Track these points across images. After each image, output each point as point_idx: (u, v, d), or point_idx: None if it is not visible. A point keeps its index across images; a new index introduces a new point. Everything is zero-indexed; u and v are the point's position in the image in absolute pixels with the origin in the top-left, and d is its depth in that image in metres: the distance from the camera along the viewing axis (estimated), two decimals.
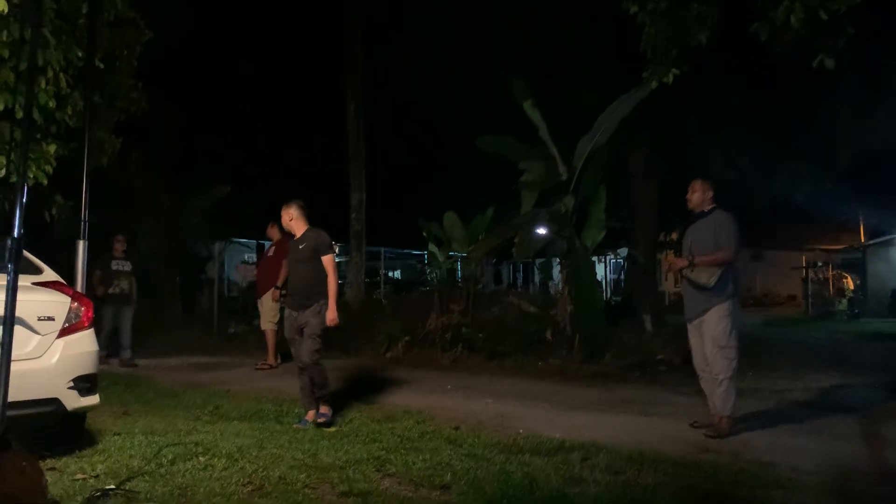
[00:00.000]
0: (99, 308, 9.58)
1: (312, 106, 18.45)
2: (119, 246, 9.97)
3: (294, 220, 6.00)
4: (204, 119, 16.16)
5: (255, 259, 22.10)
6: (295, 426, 5.62)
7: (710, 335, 5.48)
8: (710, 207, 5.70)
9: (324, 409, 5.74)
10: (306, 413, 5.81)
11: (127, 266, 9.96)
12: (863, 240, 26.09)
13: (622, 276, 20.17)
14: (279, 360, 9.53)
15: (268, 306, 9.49)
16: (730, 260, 5.48)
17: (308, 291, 5.78)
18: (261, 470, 4.25)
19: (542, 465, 4.46)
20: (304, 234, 5.94)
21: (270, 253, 9.73)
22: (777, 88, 13.34)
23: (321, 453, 4.67)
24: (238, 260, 20.34)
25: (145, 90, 9.21)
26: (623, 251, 19.71)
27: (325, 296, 5.76)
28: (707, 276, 5.43)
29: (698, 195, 5.75)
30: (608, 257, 26.55)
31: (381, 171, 15.16)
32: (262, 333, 9.87)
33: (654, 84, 7.03)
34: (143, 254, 13.14)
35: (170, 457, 4.51)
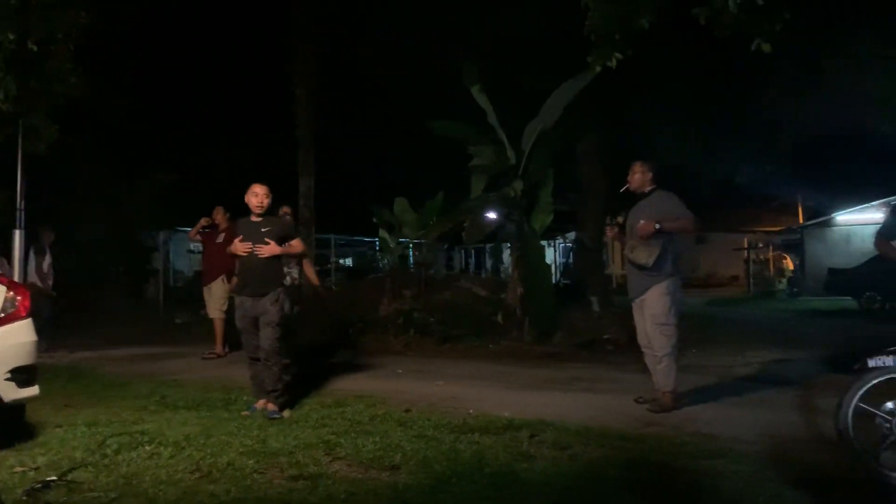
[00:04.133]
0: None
1: (260, 91, 18.13)
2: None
3: (265, 204, 5.67)
4: (149, 105, 15.78)
5: (200, 248, 21.78)
6: (244, 413, 5.50)
7: (650, 313, 5.61)
8: (650, 188, 5.80)
9: (272, 406, 5.49)
10: (256, 401, 5.68)
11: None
12: (801, 221, 26.95)
13: (571, 259, 20.45)
14: (227, 349, 9.41)
15: (217, 294, 9.31)
16: (690, 228, 5.63)
17: (265, 279, 5.56)
18: (208, 457, 4.21)
19: (491, 443, 4.52)
20: (266, 219, 5.69)
21: (220, 239, 9.43)
22: (720, 73, 13.64)
23: (270, 439, 4.64)
24: (184, 249, 19.96)
25: (85, 75, 8.93)
26: (571, 234, 19.96)
27: (281, 284, 5.71)
28: (646, 256, 5.54)
29: (639, 177, 5.83)
30: (557, 241, 26.86)
31: (330, 157, 15.00)
32: (209, 322, 9.72)
33: (598, 68, 7.10)
34: (86, 243, 12.82)
35: (114, 447, 4.43)
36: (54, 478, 3.80)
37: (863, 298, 18.70)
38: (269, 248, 5.56)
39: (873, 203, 24.63)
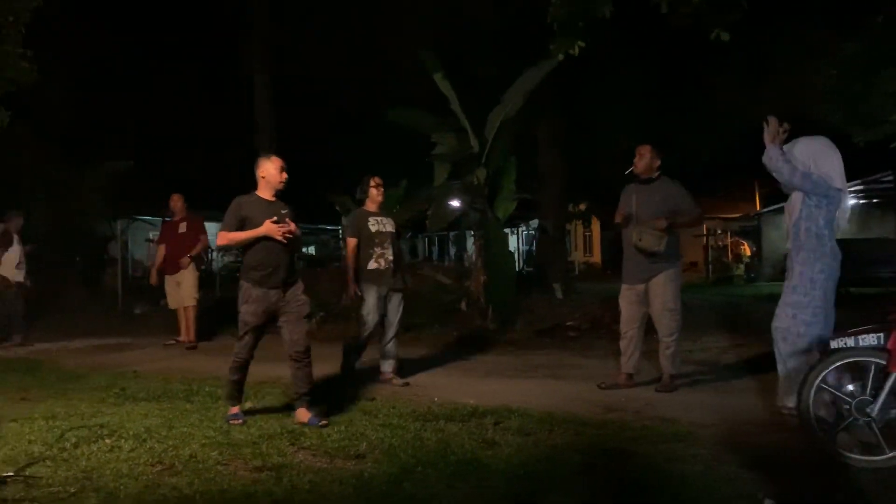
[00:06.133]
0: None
1: (217, 77, 17.84)
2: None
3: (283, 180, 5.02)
4: (102, 91, 15.40)
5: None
6: (233, 423, 4.78)
7: (660, 299, 5.72)
8: (656, 174, 5.86)
9: (309, 414, 4.81)
10: (230, 407, 4.98)
11: None
12: (758, 208, 27.50)
13: (533, 247, 20.60)
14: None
15: (190, 282, 9.12)
16: (699, 224, 5.78)
17: (292, 267, 4.97)
18: (170, 449, 4.16)
19: (455, 430, 4.54)
20: (277, 201, 5.00)
21: (183, 229, 9.21)
22: (677, 61, 13.84)
23: (234, 430, 4.61)
24: (143, 238, 19.59)
25: (35, 60, 8.67)
26: (534, 222, 20.10)
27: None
28: (657, 243, 5.62)
29: (647, 161, 5.87)
30: (520, 228, 27.03)
31: (290, 144, 14.82)
32: (170, 313, 9.57)
33: (560, 56, 7.16)
34: (36, 233, 12.46)
35: (73, 441, 4.34)
36: (11, 473, 3.71)
37: None
38: (296, 232, 4.90)
39: None
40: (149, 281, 10.16)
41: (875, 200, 23.81)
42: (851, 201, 24.82)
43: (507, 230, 15.38)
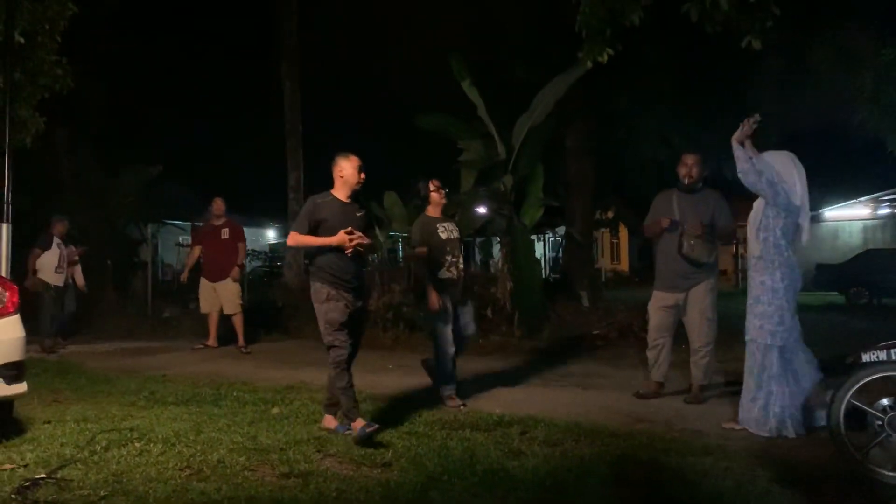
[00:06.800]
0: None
1: (248, 83, 18.04)
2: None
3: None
4: (135, 97, 15.65)
5: (189, 241, 21.60)
6: (347, 433, 4.61)
7: (699, 307, 5.69)
8: (700, 185, 5.85)
9: (362, 422, 4.53)
10: (346, 420, 4.70)
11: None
12: None
13: (560, 254, 20.48)
14: (217, 343, 9.39)
15: (235, 289, 9.22)
16: (732, 237, 5.81)
17: (361, 274, 4.92)
18: (198, 454, 4.19)
19: (482, 439, 4.53)
20: (352, 203, 4.87)
21: (226, 235, 9.26)
22: (708, 68, 13.68)
23: (261, 436, 4.63)
24: (172, 242, 19.82)
25: (71, 67, 8.83)
26: (561, 229, 19.98)
27: None
28: (708, 254, 5.64)
29: (698, 170, 5.85)
30: (547, 235, 26.90)
31: (319, 149, 14.94)
32: (201, 317, 9.66)
33: (588, 63, 7.11)
34: (72, 237, 12.67)
35: (103, 443, 4.40)
36: (43, 475, 3.77)
37: (850, 293, 18.86)
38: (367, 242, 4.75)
39: (861, 199, 24.81)
40: (180, 281, 10.22)
41: None
42: (884, 211, 24.53)
43: (533, 237, 15.32)
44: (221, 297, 9.17)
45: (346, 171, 4.80)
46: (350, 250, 4.62)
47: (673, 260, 5.75)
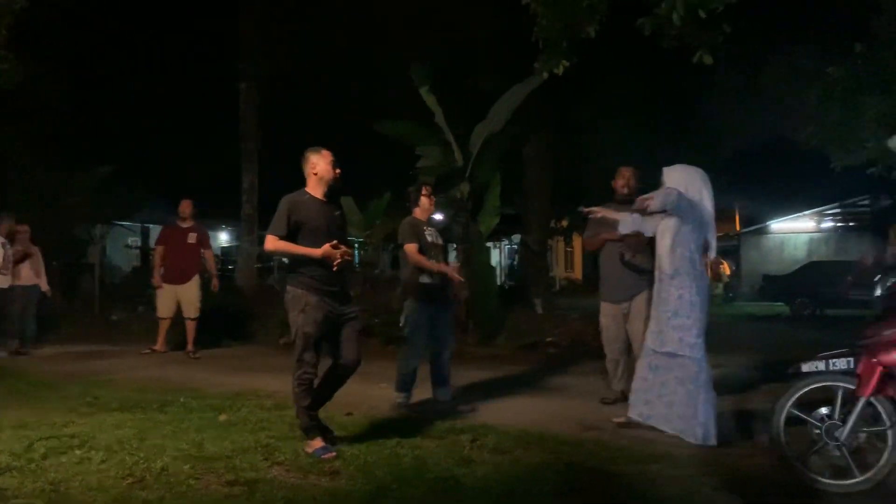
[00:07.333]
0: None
1: (204, 84, 17.72)
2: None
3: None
4: (86, 95, 15.26)
5: (139, 243, 21.13)
6: (324, 457, 4.22)
7: (643, 316, 5.65)
8: (636, 196, 5.92)
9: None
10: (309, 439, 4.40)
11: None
12: (738, 228, 27.78)
13: (515, 261, 20.62)
14: (166, 348, 9.21)
15: (196, 294, 9.04)
16: None
17: (345, 279, 4.54)
18: (142, 462, 4.09)
19: (432, 447, 4.51)
20: (329, 202, 4.58)
21: (192, 240, 9.09)
22: (664, 81, 13.97)
23: (207, 443, 4.54)
24: (121, 244, 19.40)
25: (19, 62, 8.58)
26: (517, 237, 20.13)
27: None
28: (650, 261, 5.64)
29: (634, 182, 5.97)
30: (503, 243, 27.07)
31: (274, 152, 14.75)
32: (152, 321, 9.45)
33: (545, 74, 7.19)
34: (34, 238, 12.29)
35: (42, 451, 4.26)
36: None
37: (795, 304, 19.41)
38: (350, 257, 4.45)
39: (806, 212, 25.56)
40: (150, 283, 9.89)
41: (852, 224, 24.14)
42: (828, 224, 25.37)
43: (489, 244, 15.40)
44: (183, 300, 9.02)
45: (320, 166, 4.50)
46: (335, 267, 4.28)
47: (616, 270, 5.84)
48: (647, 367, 4.99)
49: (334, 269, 4.29)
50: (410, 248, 5.71)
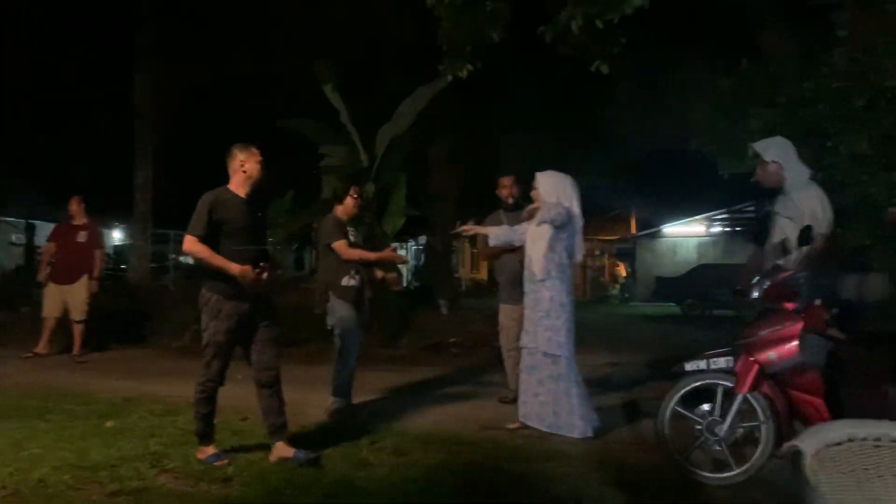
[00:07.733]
0: None
1: (97, 76, 16.87)
2: None
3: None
4: None
5: (24, 240, 19.90)
6: (216, 464, 4.09)
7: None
8: (521, 202, 6.06)
9: (292, 450, 4.23)
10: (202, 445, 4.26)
11: None
12: (633, 231, 28.90)
13: (421, 262, 20.70)
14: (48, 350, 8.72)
15: (84, 295, 8.56)
16: None
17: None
18: (17, 473, 3.85)
19: (329, 451, 4.45)
20: (252, 203, 4.41)
21: (82, 238, 8.59)
22: (570, 89, 14.34)
23: (92, 452, 4.32)
24: (5, 241, 18.26)
25: None
26: (423, 238, 20.21)
27: None
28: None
29: (517, 189, 6.11)
30: (409, 244, 27.11)
31: (171, 148, 14.22)
32: (38, 322, 8.91)
33: (449, 77, 7.25)
34: None
35: None
36: None
37: (684, 305, 20.36)
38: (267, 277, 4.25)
39: (696, 217, 26.86)
40: (36, 280, 9.31)
41: (738, 228, 25.54)
42: (717, 229, 26.76)
43: (395, 245, 15.36)
44: (69, 301, 8.54)
45: (249, 164, 4.32)
46: (250, 288, 4.10)
47: (513, 274, 5.96)
48: (524, 368, 5.18)
49: (250, 289, 4.12)
50: (341, 244, 5.56)
